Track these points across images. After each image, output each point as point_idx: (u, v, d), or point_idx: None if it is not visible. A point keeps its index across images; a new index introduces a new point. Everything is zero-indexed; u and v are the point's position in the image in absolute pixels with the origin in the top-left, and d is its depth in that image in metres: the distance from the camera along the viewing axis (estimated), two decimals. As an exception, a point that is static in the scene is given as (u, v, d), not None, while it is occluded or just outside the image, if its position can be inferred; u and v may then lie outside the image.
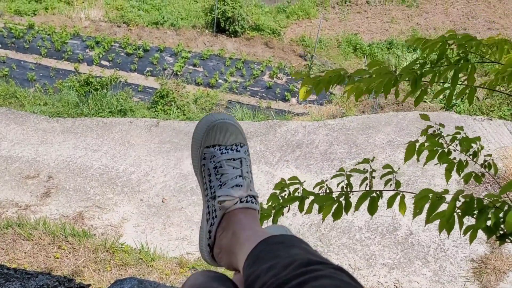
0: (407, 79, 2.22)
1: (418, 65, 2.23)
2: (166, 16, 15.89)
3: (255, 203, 1.27)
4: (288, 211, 2.32)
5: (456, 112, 10.80)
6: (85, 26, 15.33)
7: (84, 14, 15.76)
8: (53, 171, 8.85)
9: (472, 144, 2.29)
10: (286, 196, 2.31)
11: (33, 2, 16.25)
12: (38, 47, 13.95)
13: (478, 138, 2.32)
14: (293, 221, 7.69)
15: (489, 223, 1.68)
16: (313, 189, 2.33)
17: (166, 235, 7.59)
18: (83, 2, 16.31)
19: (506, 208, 1.73)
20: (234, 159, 1.29)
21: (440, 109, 10.39)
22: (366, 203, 2.21)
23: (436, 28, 16.35)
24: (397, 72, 2.26)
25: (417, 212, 1.80)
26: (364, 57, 14.73)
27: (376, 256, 6.93)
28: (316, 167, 8.83)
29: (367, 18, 17.25)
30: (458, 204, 1.75)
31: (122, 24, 15.59)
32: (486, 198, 1.84)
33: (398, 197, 2.14)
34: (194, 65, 14.07)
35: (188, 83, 13.11)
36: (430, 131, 2.45)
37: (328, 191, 2.27)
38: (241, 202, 1.24)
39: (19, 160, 9.00)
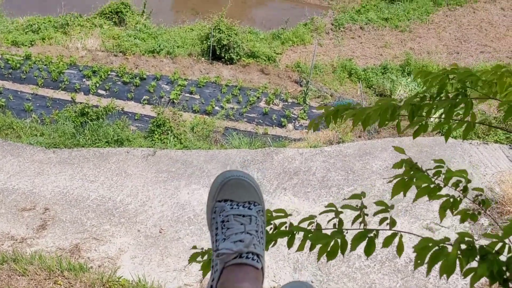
0: (405, 111, 2.23)
1: (419, 99, 2.25)
2: (162, 44, 16.03)
3: (256, 261, 1.24)
4: (273, 245, 2.26)
5: (452, 137, 10.83)
6: (81, 56, 15.45)
7: (80, 44, 15.89)
8: (49, 202, 8.80)
9: (460, 178, 2.27)
10: (271, 230, 2.26)
11: (30, 33, 16.39)
12: (35, 77, 14.02)
13: (464, 171, 2.30)
14: (291, 249, 7.64)
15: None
16: (302, 223, 2.27)
17: (164, 267, 7.51)
18: (79, 32, 16.46)
19: (507, 252, 1.72)
20: (243, 216, 1.28)
21: (436, 133, 10.43)
22: (362, 243, 2.18)
23: (430, 52, 16.53)
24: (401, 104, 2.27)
25: (418, 263, 1.78)
26: (359, 82, 14.83)
27: (376, 285, 6.87)
28: (313, 194, 8.81)
29: (361, 43, 17.44)
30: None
31: (118, 53, 15.71)
32: (484, 237, 1.83)
33: (396, 239, 2.12)
34: (191, 93, 14.13)
35: (184, 111, 13.15)
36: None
37: (317, 227, 2.22)
38: (240, 257, 1.22)
39: (15, 192, 8.96)
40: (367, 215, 2.27)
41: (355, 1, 20.57)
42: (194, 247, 1.96)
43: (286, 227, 2.33)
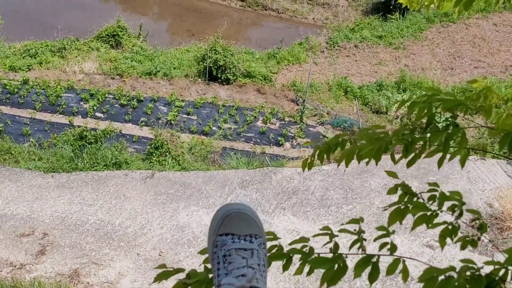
0: (398, 145, 2.26)
1: (408, 132, 2.28)
2: (159, 66, 16.14)
3: None
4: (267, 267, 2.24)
5: (449, 153, 10.88)
6: (79, 79, 15.53)
7: (78, 67, 15.98)
8: (48, 227, 8.78)
9: (454, 202, 2.28)
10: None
11: (27, 57, 16.49)
12: (33, 102, 14.08)
13: (458, 194, 2.31)
14: (291, 269, 7.61)
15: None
16: (293, 245, 2.26)
17: (164, 291, 7.47)
18: (76, 56, 16.57)
19: (510, 277, 1.73)
20: (245, 249, 1.30)
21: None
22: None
23: (424, 68, 16.69)
24: (390, 134, 2.30)
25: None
26: (355, 99, 14.93)
27: (378, 305, 6.84)
28: (313, 213, 8.81)
29: (356, 61, 17.60)
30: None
31: (115, 76, 15.80)
32: (486, 264, 1.83)
33: (400, 265, 2.12)
34: (188, 114, 14.20)
35: (182, 132, 13.20)
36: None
37: (310, 251, 2.21)
38: None
39: (14, 217, 8.93)
40: (365, 240, 2.28)
41: (349, 20, 20.82)
42: (162, 266, 1.92)
43: (276, 249, 2.30)
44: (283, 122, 14.14)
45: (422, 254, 7.72)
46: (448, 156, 2.36)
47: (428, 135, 2.33)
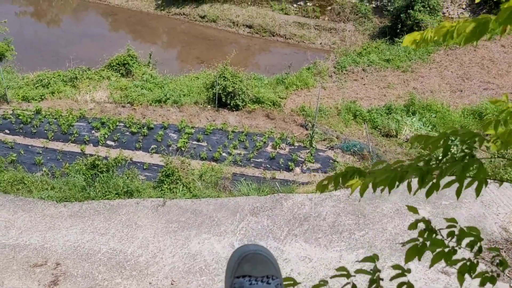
0: (414, 176, 2.28)
1: (423, 162, 2.29)
2: (169, 93, 16.32)
3: None
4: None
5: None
6: (90, 108, 15.74)
7: (89, 96, 16.22)
8: (60, 257, 8.80)
9: (472, 238, 2.29)
10: None
11: (40, 87, 16.77)
12: (45, 131, 14.26)
13: (476, 230, 2.32)
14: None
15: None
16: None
17: (176, 321, 7.43)
18: (88, 85, 16.83)
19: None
20: None
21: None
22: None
23: (433, 91, 16.71)
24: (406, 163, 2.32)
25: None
26: (364, 123, 14.96)
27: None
28: (325, 240, 8.76)
29: (364, 85, 17.68)
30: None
31: (126, 104, 16.00)
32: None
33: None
34: (198, 140, 14.29)
35: (192, 158, 13.26)
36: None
37: None
38: None
39: (27, 248, 8.98)
40: (382, 279, 2.29)
41: (356, 44, 21.00)
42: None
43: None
44: (293, 147, 14.17)
45: (437, 280, 7.63)
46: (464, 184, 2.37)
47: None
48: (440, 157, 2.25)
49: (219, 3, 26.82)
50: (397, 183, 2.35)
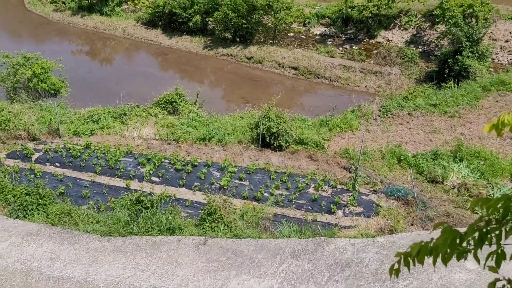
0: (472, 238, 2.25)
1: (484, 222, 2.25)
2: (214, 132, 16.60)
3: None
4: None
5: None
6: (137, 145, 16.18)
7: (137, 133, 16.71)
8: (102, 292, 8.90)
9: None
10: None
11: (90, 123, 17.43)
12: (93, 165, 14.73)
13: None
14: None
15: None
16: None
17: None
18: (136, 122, 17.35)
19: None
20: None
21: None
22: None
23: (481, 137, 16.31)
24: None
25: None
26: (409, 168, 14.68)
27: None
28: (367, 288, 8.52)
29: (409, 129, 17.45)
30: None
31: (172, 141, 16.37)
32: None
33: None
34: (240, 179, 14.38)
35: (234, 197, 13.32)
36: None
37: None
38: None
39: (70, 280, 9.14)
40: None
41: (402, 88, 20.90)
42: None
43: None
44: (335, 189, 14.02)
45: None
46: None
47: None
48: (501, 218, 2.19)
49: (266, 45, 27.41)
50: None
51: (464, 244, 2.34)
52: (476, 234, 2.14)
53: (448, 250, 2.19)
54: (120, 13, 32.93)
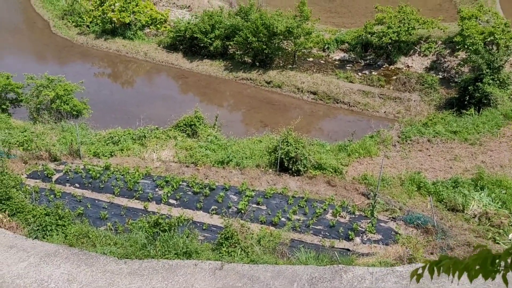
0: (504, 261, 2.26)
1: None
2: (232, 155, 16.65)
3: None
4: None
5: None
6: (156, 167, 16.29)
7: (156, 155, 16.85)
8: (117, 315, 8.87)
9: None
10: None
11: (110, 144, 17.64)
12: (112, 187, 14.85)
13: None
14: None
15: None
16: None
17: None
18: (155, 144, 17.51)
19: None
20: None
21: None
22: None
23: (503, 166, 16.06)
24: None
25: None
26: (428, 195, 14.48)
27: None
28: (386, 319, 8.35)
29: (429, 156, 17.27)
30: None
31: (190, 164, 16.45)
32: None
33: None
34: (258, 203, 14.34)
35: (251, 221, 13.27)
36: None
37: None
38: None
39: (86, 302, 9.13)
40: None
41: (421, 114, 20.78)
42: None
43: None
44: (353, 216, 13.88)
45: None
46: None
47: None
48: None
49: (286, 70, 27.60)
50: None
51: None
52: (510, 259, 2.19)
53: (477, 267, 2.25)
54: (142, 36, 33.57)
